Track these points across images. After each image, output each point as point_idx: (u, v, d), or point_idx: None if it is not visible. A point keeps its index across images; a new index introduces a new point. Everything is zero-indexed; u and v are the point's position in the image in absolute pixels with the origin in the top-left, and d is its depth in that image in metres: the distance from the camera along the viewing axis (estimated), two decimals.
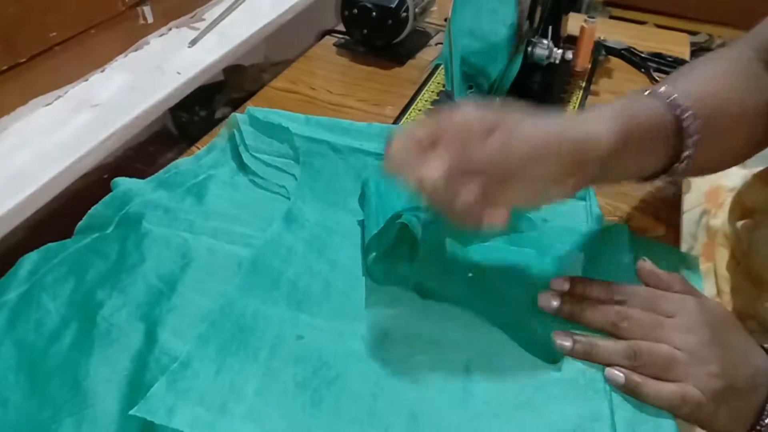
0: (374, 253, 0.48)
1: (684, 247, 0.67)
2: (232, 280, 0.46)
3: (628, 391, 0.40)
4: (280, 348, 0.43)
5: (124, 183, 0.55)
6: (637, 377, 0.40)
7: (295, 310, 0.45)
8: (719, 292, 0.61)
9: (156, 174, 0.58)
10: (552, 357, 0.42)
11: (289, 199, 0.55)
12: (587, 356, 0.42)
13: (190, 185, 0.57)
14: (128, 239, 0.50)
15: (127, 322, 0.44)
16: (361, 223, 0.53)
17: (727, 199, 0.65)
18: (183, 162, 0.61)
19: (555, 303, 0.44)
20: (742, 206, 0.62)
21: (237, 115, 0.63)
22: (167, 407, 0.38)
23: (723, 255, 0.62)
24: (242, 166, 0.59)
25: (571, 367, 0.42)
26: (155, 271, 0.48)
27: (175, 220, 0.52)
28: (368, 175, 0.55)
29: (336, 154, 0.59)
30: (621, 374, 0.40)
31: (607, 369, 0.41)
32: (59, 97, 0.64)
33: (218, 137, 0.64)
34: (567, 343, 0.42)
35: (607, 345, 0.42)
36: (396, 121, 0.70)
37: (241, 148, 0.60)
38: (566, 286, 0.45)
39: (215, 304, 0.44)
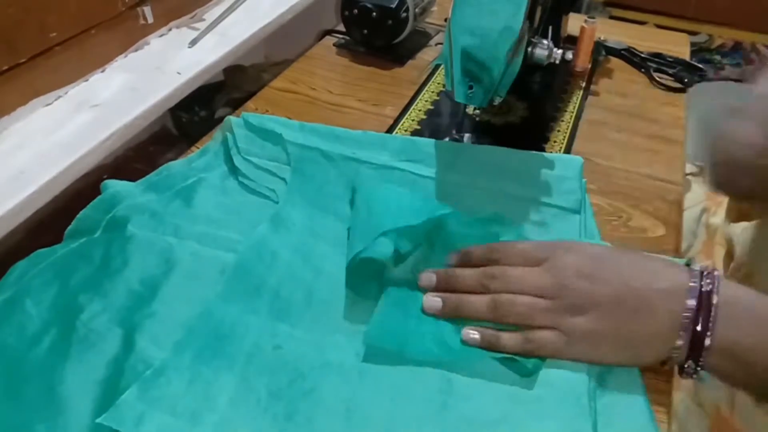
0: (354, 264, 0.47)
1: (684, 245, 0.67)
2: (214, 287, 0.46)
3: (490, 347, 0.41)
4: (256, 357, 0.42)
5: (113, 186, 0.55)
6: (490, 333, 0.41)
7: (275, 320, 0.45)
8: None
9: (147, 176, 0.58)
10: (527, 372, 0.41)
11: (278, 203, 0.55)
12: (457, 311, 0.43)
13: (179, 188, 0.56)
14: (113, 243, 0.50)
15: (106, 328, 0.44)
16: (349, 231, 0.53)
17: (726, 198, 0.66)
18: (175, 164, 0.60)
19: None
20: (738, 206, 0.62)
21: (231, 119, 0.62)
22: (136, 416, 0.37)
23: (720, 253, 0.63)
24: (234, 170, 0.59)
25: (554, 382, 0.41)
26: (137, 276, 0.47)
27: (160, 224, 0.52)
28: (359, 182, 0.54)
29: (328, 162, 0.58)
30: (476, 333, 0.41)
31: (464, 330, 0.42)
32: (59, 97, 0.64)
33: (212, 140, 0.63)
34: (436, 305, 0.43)
35: (471, 299, 0.42)
36: (396, 121, 0.70)
37: (233, 151, 0.60)
38: (434, 279, 0.45)
39: (195, 311, 0.44)
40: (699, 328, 0.36)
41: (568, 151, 0.67)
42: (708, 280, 0.37)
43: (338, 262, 0.49)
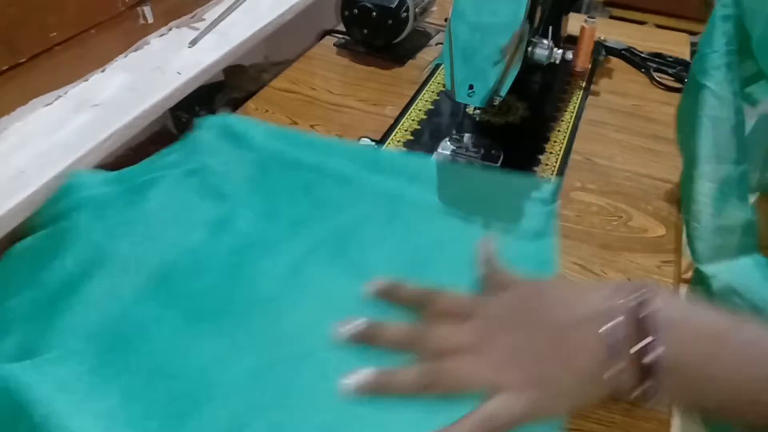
0: None
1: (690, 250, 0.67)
2: (136, 287, 0.45)
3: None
4: (160, 363, 0.41)
5: (78, 175, 0.54)
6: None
7: (188, 327, 0.43)
8: None
9: (126, 168, 0.57)
10: None
11: (228, 207, 0.54)
12: (383, 390, 0.37)
13: (138, 182, 0.55)
14: (52, 236, 0.50)
15: (26, 319, 0.44)
16: (286, 234, 0.51)
17: None
18: (152, 158, 0.59)
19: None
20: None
21: (208, 117, 0.61)
22: (26, 383, 0.38)
23: None
24: (194, 169, 0.58)
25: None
26: (64, 270, 0.47)
27: (101, 219, 0.51)
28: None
29: (289, 169, 0.57)
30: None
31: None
32: (59, 97, 0.64)
33: (185, 138, 0.62)
34: (360, 383, 0.36)
35: (399, 376, 0.37)
36: (396, 120, 0.70)
37: (197, 150, 0.59)
38: (356, 329, 0.39)
39: (112, 310, 0.44)
40: (634, 347, 0.31)
41: (568, 151, 0.67)
42: (635, 294, 0.32)
43: (268, 272, 0.47)
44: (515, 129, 0.69)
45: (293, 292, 0.46)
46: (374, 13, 0.77)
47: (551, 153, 0.66)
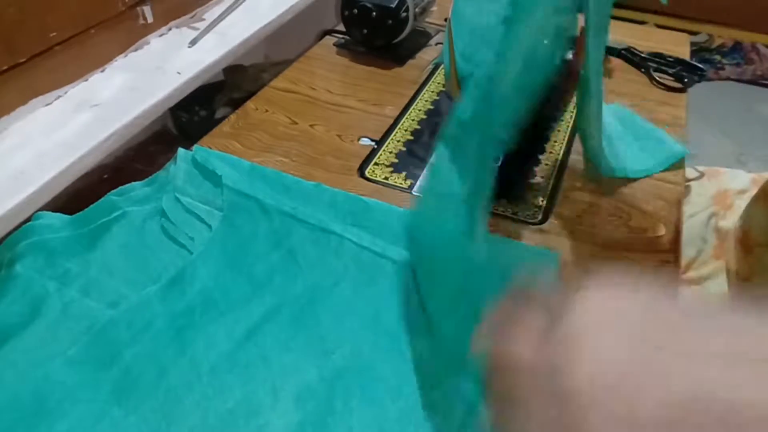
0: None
1: (693, 251, 0.67)
2: (68, 347, 0.43)
3: None
4: None
5: (40, 217, 0.52)
6: None
7: (111, 402, 0.40)
8: (731, 287, 0.61)
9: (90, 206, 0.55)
10: None
11: (191, 253, 0.51)
12: None
13: (98, 224, 0.52)
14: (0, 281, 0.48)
15: None
16: (252, 295, 0.48)
17: (736, 201, 0.66)
18: (125, 188, 0.57)
19: None
20: None
21: (181, 151, 0.60)
22: None
23: (736, 251, 0.63)
24: (163, 207, 0.55)
25: None
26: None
27: (50, 265, 0.49)
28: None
29: (262, 215, 0.54)
30: None
31: None
32: (59, 97, 0.64)
33: (163, 170, 0.59)
34: None
35: None
36: (396, 120, 0.70)
37: (168, 188, 0.56)
38: None
39: (35, 371, 0.41)
40: None
41: (568, 151, 0.67)
42: None
43: (216, 337, 0.45)
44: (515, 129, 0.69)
45: (235, 368, 0.43)
46: (374, 13, 0.77)
47: (551, 153, 0.66)
